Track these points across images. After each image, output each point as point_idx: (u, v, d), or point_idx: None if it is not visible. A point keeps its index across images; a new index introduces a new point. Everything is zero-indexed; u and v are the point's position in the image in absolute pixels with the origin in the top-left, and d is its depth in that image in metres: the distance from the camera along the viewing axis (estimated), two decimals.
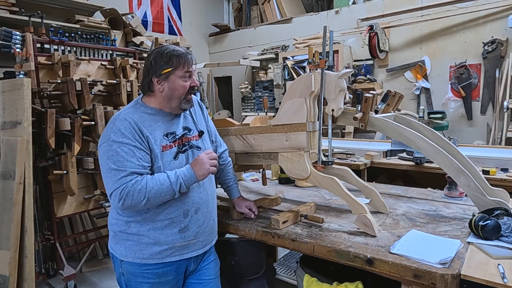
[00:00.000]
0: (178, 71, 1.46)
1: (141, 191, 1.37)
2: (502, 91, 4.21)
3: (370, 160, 3.31)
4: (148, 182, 1.38)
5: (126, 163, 1.38)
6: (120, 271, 1.53)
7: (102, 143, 1.42)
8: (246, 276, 1.87)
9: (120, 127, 1.41)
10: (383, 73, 5.22)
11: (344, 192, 1.60)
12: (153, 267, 1.49)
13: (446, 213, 1.80)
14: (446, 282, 1.19)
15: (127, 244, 1.49)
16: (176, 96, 1.49)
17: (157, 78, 1.46)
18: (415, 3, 4.85)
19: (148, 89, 1.50)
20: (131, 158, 1.39)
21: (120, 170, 1.37)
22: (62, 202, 2.99)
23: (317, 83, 1.67)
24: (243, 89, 6.31)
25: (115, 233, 1.52)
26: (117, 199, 1.37)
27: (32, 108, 2.64)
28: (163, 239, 1.48)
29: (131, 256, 1.48)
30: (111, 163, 1.38)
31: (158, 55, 1.47)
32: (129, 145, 1.39)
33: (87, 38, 3.35)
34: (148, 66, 1.48)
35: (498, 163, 2.86)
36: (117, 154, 1.38)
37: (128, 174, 1.37)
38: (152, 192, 1.38)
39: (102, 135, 1.45)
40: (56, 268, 3.04)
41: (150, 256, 1.48)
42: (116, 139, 1.39)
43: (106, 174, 1.40)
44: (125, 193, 1.36)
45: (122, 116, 1.44)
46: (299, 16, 6.22)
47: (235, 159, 1.96)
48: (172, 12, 6.59)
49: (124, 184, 1.36)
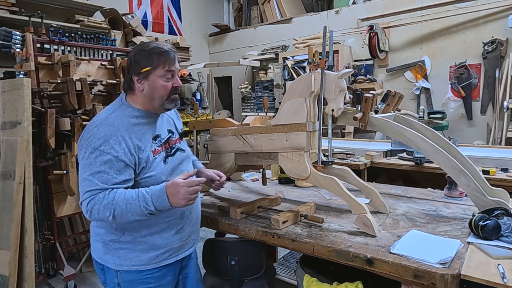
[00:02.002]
0: (158, 70, 1.37)
1: (106, 206, 1.28)
2: (502, 91, 4.21)
3: (370, 160, 3.31)
4: (116, 198, 1.28)
5: (102, 175, 1.29)
6: (115, 281, 1.44)
7: (82, 148, 1.32)
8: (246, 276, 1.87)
9: (106, 134, 1.31)
10: (383, 73, 5.22)
11: (344, 192, 1.60)
12: (152, 272, 1.44)
13: (446, 213, 1.80)
14: (446, 282, 1.19)
15: (121, 253, 1.41)
16: (157, 96, 1.40)
17: (137, 77, 1.38)
18: (415, 3, 4.85)
19: (128, 88, 1.43)
20: (109, 169, 1.29)
21: (92, 182, 1.29)
22: (62, 202, 2.99)
23: (317, 83, 1.67)
24: (243, 89, 6.31)
25: (105, 243, 1.42)
26: (84, 210, 1.31)
27: (32, 108, 2.64)
28: (160, 243, 1.44)
29: (126, 264, 1.41)
30: (88, 172, 1.29)
31: (139, 52, 1.39)
32: (110, 155, 1.29)
33: (87, 38, 3.34)
34: (129, 64, 1.41)
35: (498, 163, 2.86)
36: (94, 163, 1.29)
37: (97, 189, 1.29)
38: (118, 210, 1.28)
39: (83, 137, 1.34)
40: (56, 268, 3.04)
41: (148, 261, 1.43)
42: (97, 147, 1.29)
43: (80, 181, 1.33)
44: (91, 206, 1.29)
45: (109, 120, 1.35)
46: (299, 16, 6.22)
47: (235, 159, 1.96)
48: (172, 12, 6.59)
49: (91, 197, 1.29)
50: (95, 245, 1.48)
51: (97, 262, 1.50)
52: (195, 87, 6.73)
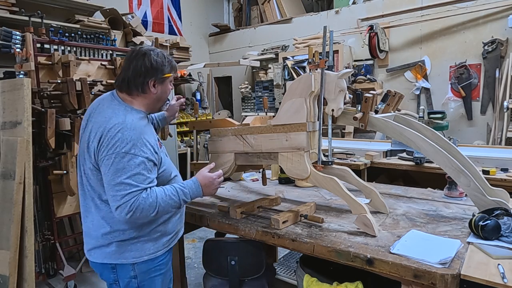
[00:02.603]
0: (171, 76, 1.54)
1: (151, 205, 1.37)
2: (502, 91, 4.21)
3: (370, 160, 3.31)
4: (158, 196, 1.40)
5: (138, 176, 1.35)
6: (132, 274, 1.50)
7: (110, 154, 1.35)
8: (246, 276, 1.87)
9: (132, 138, 1.36)
10: (383, 73, 5.22)
11: (344, 192, 1.60)
12: (163, 257, 1.57)
13: (446, 213, 1.80)
14: (446, 282, 1.19)
15: (138, 245, 1.48)
16: (163, 99, 1.56)
17: (156, 81, 1.47)
18: (415, 3, 4.85)
19: (141, 90, 1.47)
20: (143, 170, 1.37)
21: (131, 184, 1.34)
22: (62, 202, 2.99)
23: (317, 83, 1.67)
24: (243, 89, 6.31)
25: (122, 242, 1.47)
26: (125, 212, 1.35)
27: (32, 108, 2.64)
28: (170, 228, 1.58)
29: (145, 254, 1.50)
30: (123, 176, 1.34)
31: (160, 59, 1.46)
32: (141, 157, 1.37)
33: (87, 38, 3.34)
34: (147, 68, 1.45)
35: (498, 163, 2.86)
36: (129, 166, 1.34)
37: (139, 189, 1.36)
38: (162, 206, 1.41)
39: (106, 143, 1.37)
40: (56, 268, 3.03)
41: (162, 246, 1.55)
42: (128, 151, 1.35)
43: (113, 186, 1.35)
44: (135, 206, 1.34)
45: (129, 125, 1.39)
46: (299, 16, 6.22)
47: (235, 159, 1.96)
48: (172, 12, 6.59)
49: (134, 198, 1.34)
50: (105, 249, 1.49)
51: (104, 265, 1.51)
52: (195, 87, 6.73)
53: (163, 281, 1.59)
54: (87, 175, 1.46)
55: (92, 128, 1.43)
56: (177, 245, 2.18)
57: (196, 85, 6.64)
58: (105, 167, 1.37)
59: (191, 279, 3.10)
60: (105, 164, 1.37)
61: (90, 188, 1.47)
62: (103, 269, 1.54)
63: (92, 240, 1.52)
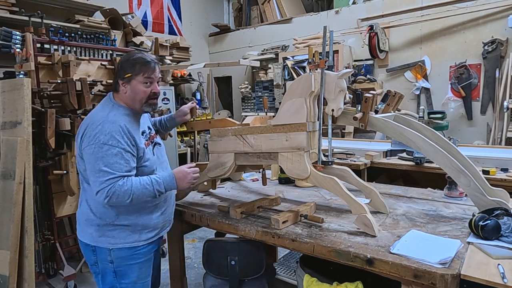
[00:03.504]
0: (138, 76, 1.61)
1: (126, 192, 1.51)
2: (502, 91, 4.21)
3: (370, 160, 3.31)
4: (133, 185, 1.53)
5: (115, 165, 1.50)
6: (108, 259, 1.62)
7: (91, 144, 1.51)
8: (246, 276, 1.87)
9: (111, 130, 1.51)
10: (383, 73, 5.22)
11: (344, 192, 1.60)
12: (141, 248, 1.66)
13: (446, 213, 1.80)
14: (446, 282, 1.19)
15: (115, 232, 1.61)
16: (137, 99, 1.64)
17: (122, 81, 1.63)
18: (415, 3, 4.85)
19: (115, 89, 1.67)
20: (120, 160, 1.51)
21: (108, 172, 1.49)
22: (62, 202, 2.99)
23: (317, 83, 1.67)
24: (243, 89, 6.31)
25: (99, 227, 1.61)
26: (103, 196, 1.50)
27: (32, 108, 2.64)
28: (149, 223, 1.67)
29: (121, 242, 1.61)
30: (101, 164, 1.49)
31: (124, 60, 1.66)
32: (119, 148, 1.51)
33: (87, 38, 3.34)
34: (117, 69, 1.67)
35: (498, 163, 2.86)
36: (106, 156, 1.50)
37: (116, 177, 1.50)
38: (136, 194, 1.53)
39: (88, 135, 1.53)
40: (56, 268, 3.03)
41: (138, 239, 1.65)
42: (106, 142, 1.50)
43: (94, 173, 1.51)
44: (112, 192, 1.49)
45: (110, 118, 1.55)
46: (299, 16, 6.22)
47: (235, 159, 1.96)
48: (172, 12, 6.59)
49: (110, 185, 1.49)
50: (87, 230, 1.64)
51: (87, 245, 1.66)
52: (195, 87, 6.73)
53: (141, 269, 1.69)
54: (77, 162, 1.64)
55: (83, 122, 1.61)
56: (177, 245, 2.19)
57: (196, 85, 6.64)
58: (87, 156, 1.53)
59: (191, 279, 3.10)
60: (87, 153, 1.53)
61: (80, 173, 1.65)
62: (85, 249, 1.68)
63: (79, 219, 1.69)
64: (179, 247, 2.19)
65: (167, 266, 2.27)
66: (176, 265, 2.21)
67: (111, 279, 1.65)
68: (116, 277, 1.65)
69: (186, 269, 2.34)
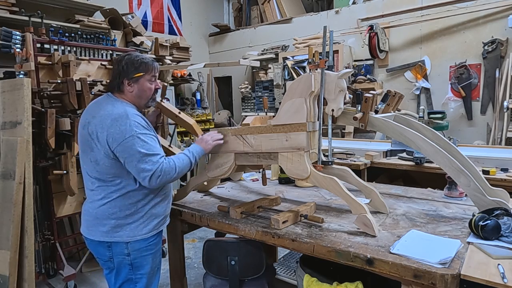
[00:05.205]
0: (146, 75, 1.73)
1: (172, 168, 1.65)
2: (502, 91, 4.21)
3: (370, 160, 3.31)
4: (175, 161, 1.69)
5: (155, 149, 1.64)
6: (125, 252, 1.69)
7: (127, 137, 1.58)
8: (246, 276, 1.87)
9: (138, 122, 1.63)
10: (383, 73, 5.22)
11: (344, 192, 1.60)
12: (153, 238, 1.76)
13: (446, 213, 1.80)
14: (446, 282, 1.19)
15: (133, 226, 1.68)
16: (145, 96, 1.76)
17: (128, 80, 1.71)
18: (415, 3, 4.85)
19: (117, 89, 1.73)
20: (156, 144, 1.67)
21: (154, 154, 1.62)
22: (62, 202, 2.99)
23: (317, 83, 1.67)
24: (243, 89, 6.31)
25: (117, 221, 1.67)
26: (156, 177, 1.60)
27: (32, 108, 2.64)
28: (160, 211, 1.77)
29: (139, 234, 1.69)
30: (145, 150, 1.59)
31: (130, 61, 1.71)
32: (151, 135, 1.66)
33: (87, 38, 3.34)
34: (120, 70, 1.71)
35: (498, 163, 2.86)
36: (146, 143, 1.61)
37: (161, 157, 1.64)
38: (180, 167, 1.68)
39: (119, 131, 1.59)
40: (56, 268, 3.03)
41: (153, 228, 1.74)
42: (140, 131, 1.61)
43: (141, 160, 1.59)
44: (163, 170, 1.62)
45: (131, 113, 1.64)
46: (299, 16, 6.22)
47: (235, 159, 1.96)
48: (172, 12, 6.59)
49: (160, 164, 1.62)
50: (100, 228, 1.68)
51: (101, 243, 1.70)
52: (195, 87, 6.73)
53: (153, 260, 1.78)
54: (96, 161, 1.65)
55: (98, 121, 1.63)
56: (177, 245, 2.19)
57: (196, 85, 6.64)
58: (126, 149, 1.59)
59: (191, 279, 3.10)
60: (126, 146, 1.58)
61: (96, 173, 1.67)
62: (99, 247, 1.72)
63: (91, 218, 1.71)
64: (179, 247, 2.19)
65: (167, 266, 2.27)
66: (176, 265, 2.21)
67: (127, 271, 1.72)
68: (132, 269, 1.72)
69: (186, 269, 2.34)
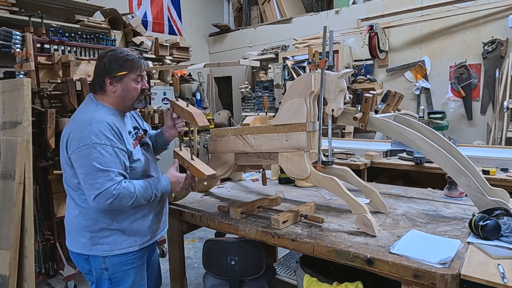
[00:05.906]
0: (131, 74, 1.55)
1: (129, 195, 1.46)
2: (502, 91, 4.21)
3: (370, 160, 3.31)
4: (136, 187, 1.49)
5: (112, 164, 1.44)
6: (102, 267, 1.56)
7: (81, 146, 1.42)
8: (246, 276, 1.87)
9: (100, 129, 1.44)
10: (383, 73, 5.22)
11: (344, 192, 1.60)
12: (136, 252, 1.61)
13: (446, 213, 1.80)
14: (446, 282, 1.19)
15: (110, 239, 1.54)
16: (129, 97, 1.57)
17: (110, 79, 1.54)
18: (415, 3, 4.85)
19: (100, 89, 1.57)
20: (115, 159, 1.46)
21: (108, 170, 1.42)
22: (62, 202, 2.99)
23: (317, 83, 1.67)
24: (243, 89, 6.31)
25: (93, 234, 1.54)
26: (105, 198, 1.42)
27: (32, 108, 2.64)
28: (143, 226, 1.62)
29: (117, 248, 1.55)
30: (98, 164, 1.41)
31: (113, 58, 1.54)
32: (112, 147, 1.45)
33: (87, 38, 3.34)
34: (102, 67, 1.55)
35: (498, 163, 2.86)
36: (102, 156, 1.42)
37: (116, 175, 1.44)
38: (138, 196, 1.49)
39: (76, 138, 1.44)
40: (56, 268, 3.03)
41: (134, 243, 1.59)
42: (98, 141, 1.42)
43: (91, 175, 1.42)
44: (116, 193, 1.42)
45: (97, 118, 1.47)
46: (299, 16, 6.22)
47: (235, 159, 1.96)
48: (172, 12, 6.59)
49: (114, 185, 1.42)
50: (79, 239, 1.56)
51: (79, 255, 1.58)
52: (195, 87, 6.73)
53: (137, 273, 1.63)
54: (63, 168, 1.55)
55: (68, 126, 1.53)
56: (177, 245, 2.18)
57: (196, 85, 6.64)
58: (79, 159, 1.43)
59: (191, 279, 3.10)
60: (78, 155, 1.43)
61: (66, 181, 1.58)
62: (78, 259, 1.61)
63: (69, 228, 1.61)
64: (179, 247, 2.19)
65: (167, 266, 2.27)
66: (176, 265, 2.21)
67: (106, 286, 1.59)
68: (112, 284, 1.58)
69: (186, 269, 2.34)
